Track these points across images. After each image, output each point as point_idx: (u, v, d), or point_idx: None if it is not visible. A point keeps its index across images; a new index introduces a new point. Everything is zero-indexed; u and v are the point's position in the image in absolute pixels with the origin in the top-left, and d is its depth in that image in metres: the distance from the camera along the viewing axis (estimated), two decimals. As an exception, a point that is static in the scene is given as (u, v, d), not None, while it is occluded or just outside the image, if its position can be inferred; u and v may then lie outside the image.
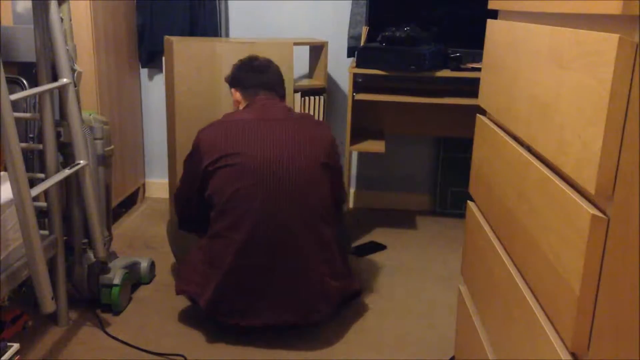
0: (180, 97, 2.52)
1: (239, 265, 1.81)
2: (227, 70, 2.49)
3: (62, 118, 1.90)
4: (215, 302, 1.83)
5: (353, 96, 2.49)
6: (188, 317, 2.04)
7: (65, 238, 1.95)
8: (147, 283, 2.26)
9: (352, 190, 3.15)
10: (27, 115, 2.07)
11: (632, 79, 0.71)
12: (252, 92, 2.01)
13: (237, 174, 1.82)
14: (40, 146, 1.85)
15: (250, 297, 1.83)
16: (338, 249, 1.94)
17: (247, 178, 1.81)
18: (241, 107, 2.03)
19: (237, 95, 2.06)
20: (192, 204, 1.98)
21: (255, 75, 2.02)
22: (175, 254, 2.25)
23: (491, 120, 1.36)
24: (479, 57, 2.53)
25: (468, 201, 1.50)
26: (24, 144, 1.94)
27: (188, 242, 2.11)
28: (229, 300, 1.83)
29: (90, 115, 2.00)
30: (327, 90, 2.88)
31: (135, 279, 2.20)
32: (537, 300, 0.96)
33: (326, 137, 1.94)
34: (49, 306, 1.60)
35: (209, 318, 1.91)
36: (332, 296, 1.89)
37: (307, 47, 2.97)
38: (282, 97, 2.06)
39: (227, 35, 2.96)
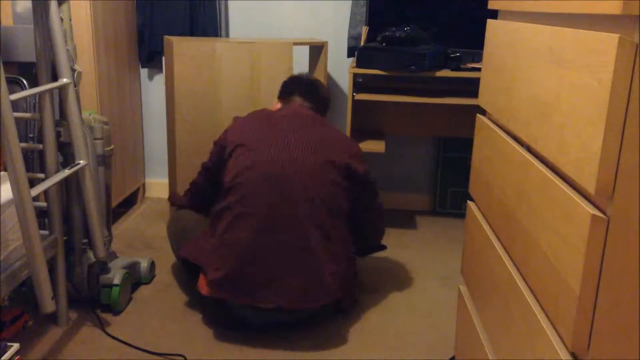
0: (180, 97, 2.52)
1: (251, 241, 1.83)
2: (227, 70, 2.49)
3: (62, 118, 1.90)
4: (226, 278, 1.84)
5: (353, 96, 2.49)
6: (188, 317, 2.04)
7: (65, 238, 1.95)
8: (147, 283, 2.26)
9: (352, 190, 3.15)
10: (27, 115, 2.07)
11: (632, 79, 0.71)
12: (288, 95, 2.13)
13: (251, 157, 1.89)
14: (40, 146, 1.85)
15: (260, 275, 1.84)
16: (344, 249, 1.96)
17: (260, 165, 1.87)
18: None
19: (277, 103, 2.17)
20: (208, 176, 2.11)
21: (297, 84, 2.15)
22: (175, 252, 2.25)
23: (491, 120, 1.36)
24: (478, 57, 2.53)
25: (468, 201, 1.50)
26: (24, 144, 1.94)
27: (188, 240, 2.11)
28: (240, 277, 1.84)
29: (90, 115, 2.00)
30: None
31: (135, 279, 2.20)
32: (537, 300, 0.96)
33: (347, 147, 1.98)
34: (49, 306, 1.60)
35: (213, 297, 1.90)
36: (330, 290, 1.90)
37: (307, 47, 2.97)
38: (320, 111, 2.14)
39: (227, 35, 2.96)
